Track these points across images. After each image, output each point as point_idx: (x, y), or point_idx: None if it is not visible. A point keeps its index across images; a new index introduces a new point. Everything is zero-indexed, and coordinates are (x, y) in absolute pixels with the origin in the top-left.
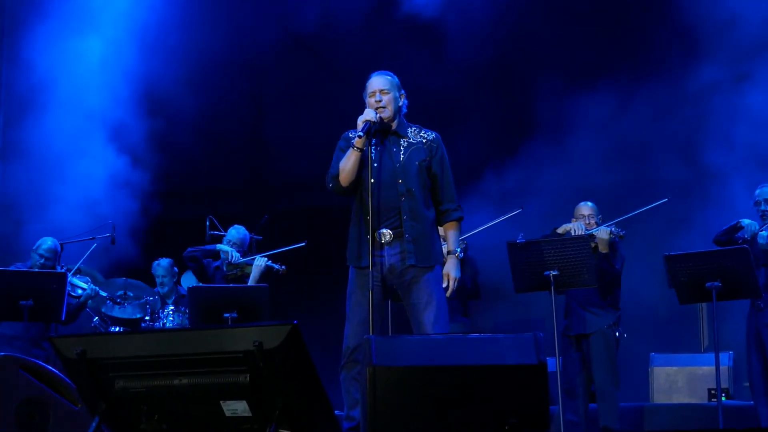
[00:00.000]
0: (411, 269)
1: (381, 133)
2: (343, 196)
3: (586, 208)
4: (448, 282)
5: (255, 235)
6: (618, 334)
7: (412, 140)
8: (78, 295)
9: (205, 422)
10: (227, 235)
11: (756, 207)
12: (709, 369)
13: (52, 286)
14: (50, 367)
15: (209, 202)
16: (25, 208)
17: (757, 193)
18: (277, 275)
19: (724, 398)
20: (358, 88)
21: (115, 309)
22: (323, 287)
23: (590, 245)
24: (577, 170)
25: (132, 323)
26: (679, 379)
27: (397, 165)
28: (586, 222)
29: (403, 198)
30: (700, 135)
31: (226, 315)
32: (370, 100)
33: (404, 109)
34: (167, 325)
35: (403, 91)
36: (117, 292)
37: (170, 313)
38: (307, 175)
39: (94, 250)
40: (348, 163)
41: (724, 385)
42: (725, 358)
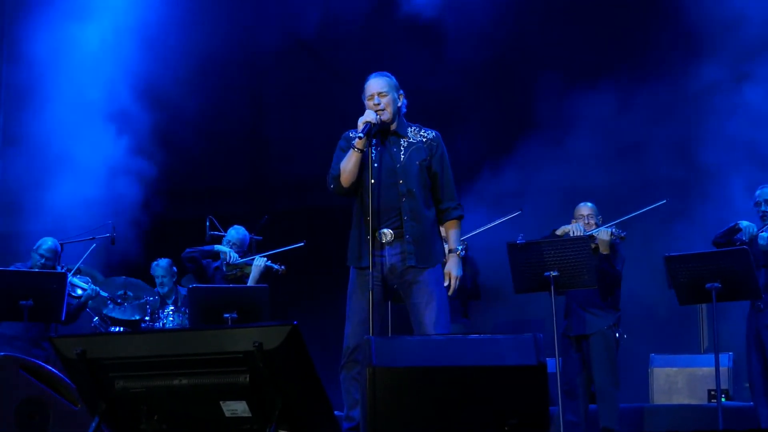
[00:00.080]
0: (412, 269)
1: (381, 134)
2: (344, 197)
3: (585, 208)
4: (450, 280)
5: (255, 235)
6: (618, 334)
7: (412, 140)
8: (78, 296)
9: (204, 422)
10: (227, 236)
11: (756, 208)
12: (709, 370)
13: (52, 286)
14: (50, 367)
15: (209, 202)
16: (25, 207)
17: (757, 193)
18: (276, 275)
19: (723, 399)
20: (358, 88)
21: (115, 309)
22: (323, 287)
23: (590, 246)
24: (577, 170)
25: (132, 323)
26: (678, 380)
27: (397, 165)
28: (585, 222)
29: (404, 198)
30: (700, 135)
31: (226, 315)
32: (369, 103)
33: (404, 109)
34: (167, 326)
35: (401, 91)
36: (117, 293)
37: (170, 313)
38: (307, 175)
39: (94, 250)
40: (348, 164)
41: (724, 386)
42: (725, 359)
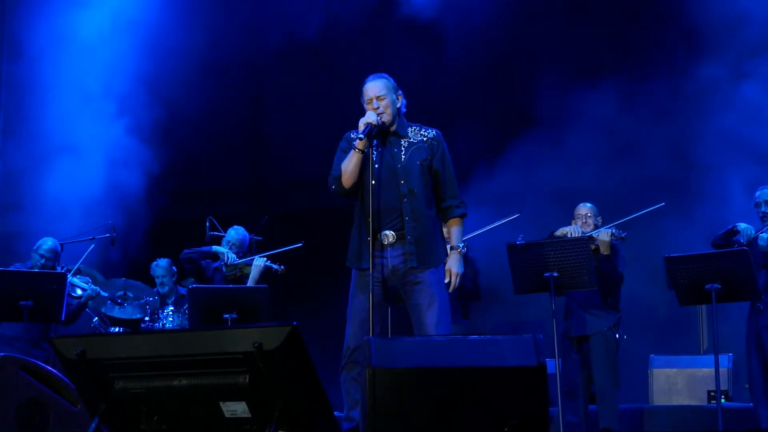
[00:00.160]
0: (413, 271)
1: (381, 135)
2: (345, 198)
3: (585, 208)
4: (451, 277)
5: (255, 235)
6: (618, 335)
7: (412, 140)
8: (78, 296)
9: (204, 423)
10: (226, 236)
11: (756, 208)
12: (709, 371)
13: (52, 286)
14: (50, 368)
15: (209, 203)
16: (24, 202)
17: (757, 194)
18: (276, 275)
19: (723, 400)
20: (358, 89)
21: (115, 309)
22: (323, 287)
23: (590, 247)
24: (577, 170)
25: (132, 324)
26: (678, 381)
27: (398, 166)
28: (584, 222)
29: (405, 199)
30: (700, 134)
31: (226, 316)
32: (368, 107)
33: (403, 109)
34: (167, 326)
35: (400, 92)
36: (117, 293)
37: (170, 313)
38: (307, 176)
39: (93, 250)
40: (350, 164)
41: (724, 387)
42: (725, 360)
